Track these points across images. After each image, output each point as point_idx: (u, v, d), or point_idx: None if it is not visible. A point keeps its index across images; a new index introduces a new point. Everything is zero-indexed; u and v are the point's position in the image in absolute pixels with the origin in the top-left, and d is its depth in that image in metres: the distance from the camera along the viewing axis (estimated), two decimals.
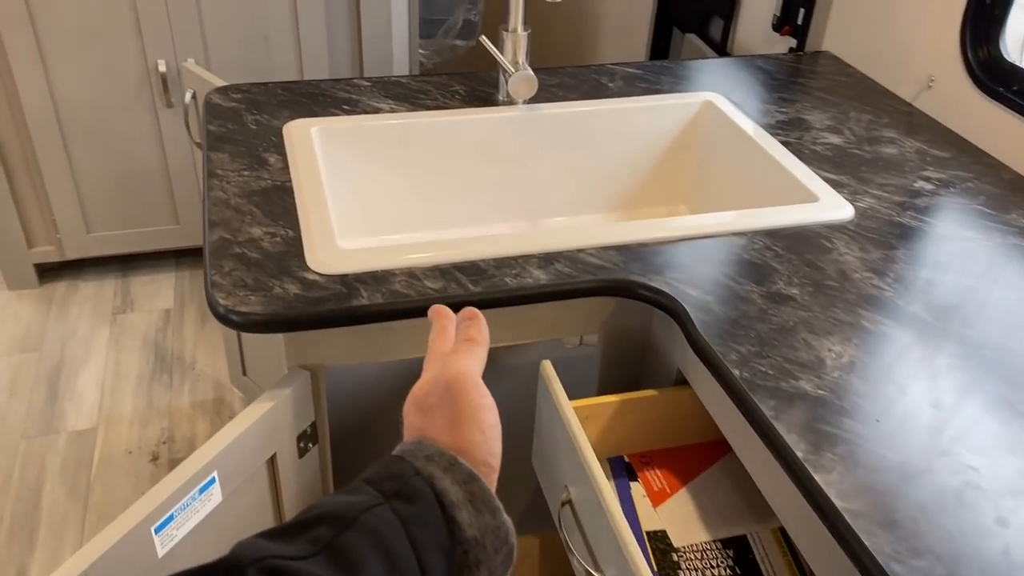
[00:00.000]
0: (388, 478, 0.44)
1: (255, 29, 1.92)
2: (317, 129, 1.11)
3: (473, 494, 0.45)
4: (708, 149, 1.25)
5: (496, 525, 0.45)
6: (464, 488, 0.45)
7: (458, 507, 0.44)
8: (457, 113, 1.17)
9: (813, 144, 1.15)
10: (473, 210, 1.24)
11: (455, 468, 0.45)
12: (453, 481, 0.45)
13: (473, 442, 0.48)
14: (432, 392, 0.51)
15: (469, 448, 0.48)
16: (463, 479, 0.45)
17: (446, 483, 0.44)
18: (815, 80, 1.34)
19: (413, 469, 0.45)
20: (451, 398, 0.50)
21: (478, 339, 0.55)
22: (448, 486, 0.44)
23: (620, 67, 1.34)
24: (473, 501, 0.44)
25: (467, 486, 0.45)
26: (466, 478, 0.45)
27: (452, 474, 0.45)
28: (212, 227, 0.92)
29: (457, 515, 0.44)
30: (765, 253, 0.93)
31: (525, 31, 1.17)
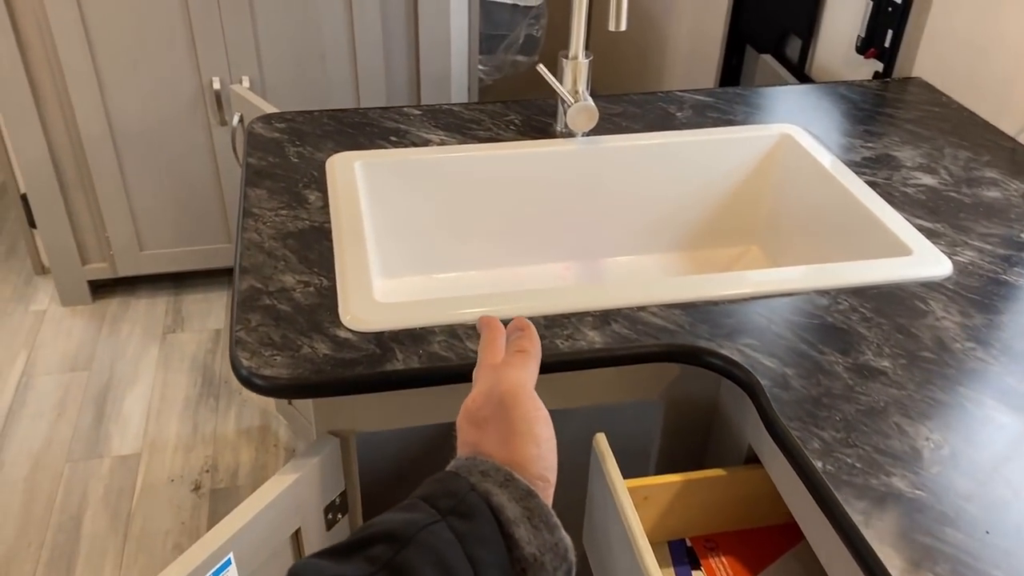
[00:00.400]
0: (444, 495, 0.44)
1: (311, 47, 1.87)
2: (361, 163, 1.04)
3: (531, 510, 0.44)
4: (784, 187, 1.15)
5: (555, 542, 0.43)
6: (521, 504, 0.44)
7: (516, 524, 0.43)
8: (511, 146, 1.09)
9: (904, 185, 1.04)
10: (526, 248, 1.15)
11: (511, 484, 0.44)
12: (510, 497, 0.44)
13: (528, 456, 0.47)
14: (485, 405, 0.50)
15: (525, 462, 0.47)
16: (520, 495, 0.44)
17: (503, 499, 0.43)
18: (905, 110, 1.23)
19: (469, 485, 0.44)
20: (505, 411, 0.48)
21: (530, 350, 0.54)
22: (505, 502, 0.43)
23: (689, 94, 1.25)
24: (531, 518, 0.43)
25: (524, 502, 0.44)
26: (523, 494, 0.44)
27: (509, 490, 0.44)
28: (243, 274, 0.85)
29: (515, 532, 0.43)
30: (851, 316, 0.82)
31: (587, 58, 1.08)
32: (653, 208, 1.16)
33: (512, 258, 1.16)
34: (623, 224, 1.17)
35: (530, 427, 0.48)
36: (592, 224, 1.16)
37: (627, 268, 1.17)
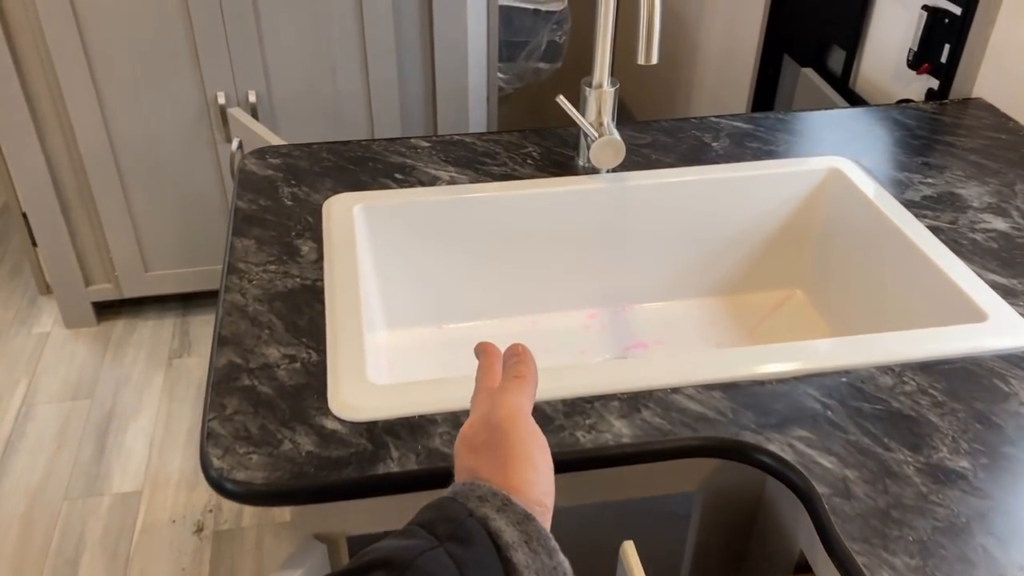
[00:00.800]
0: (441, 520, 0.43)
1: (320, 60, 1.77)
2: (362, 207, 0.94)
3: (529, 534, 0.43)
4: (833, 227, 1.03)
5: (553, 566, 0.43)
6: (519, 528, 0.43)
7: (514, 548, 0.42)
8: (528, 185, 0.98)
9: (971, 230, 0.92)
10: (547, 294, 1.04)
11: (509, 508, 0.44)
12: (508, 522, 0.43)
13: (526, 480, 0.47)
14: (482, 431, 0.50)
15: (522, 487, 0.46)
16: (518, 519, 0.44)
17: (501, 524, 0.43)
18: (967, 138, 1.10)
19: (466, 510, 0.44)
20: (502, 436, 0.49)
21: (527, 375, 0.54)
22: (503, 527, 0.43)
23: (726, 120, 1.13)
24: (529, 542, 0.43)
25: (522, 526, 0.43)
26: (521, 518, 0.44)
27: (506, 514, 0.44)
28: (222, 347, 0.75)
29: (513, 556, 0.42)
30: (920, 400, 0.71)
31: (613, 86, 0.97)
32: (686, 250, 1.05)
33: (532, 306, 1.05)
34: (653, 268, 1.05)
35: (527, 452, 0.48)
36: (619, 268, 1.05)
37: (658, 315, 1.06)
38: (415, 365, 0.98)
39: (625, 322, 1.05)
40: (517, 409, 0.50)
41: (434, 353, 1.00)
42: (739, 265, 1.07)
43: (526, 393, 0.53)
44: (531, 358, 0.55)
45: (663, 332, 1.04)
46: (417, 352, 1.00)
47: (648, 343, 1.02)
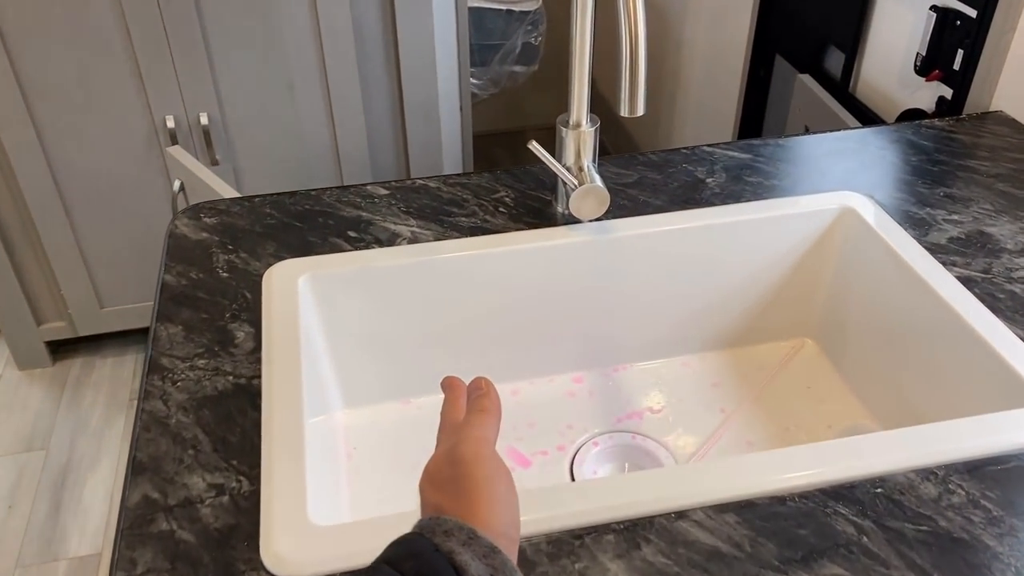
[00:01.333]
0: (407, 556, 0.43)
1: (276, 77, 1.63)
2: (308, 278, 0.81)
3: (495, 567, 0.43)
4: (847, 273, 0.91)
5: None
6: (485, 562, 0.43)
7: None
8: (501, 241, 0.86)
9: (1009, 281, 0.80)
10: (528, 359, 0.92)
11: (475, 541, 0.43)
12: (474, 555, 0.43)
13: (492, 513, 0.47)
14: (446, 467, 0.50)
15: (488, 520, 0.46)
16: (484, 552, 0.43)
17: (466, 557, 0.42)
18: (992, 162, 0.98)
19: (432, 545, 0.43)
20: (466, 471, 0.49)
21: (490, 409, 0.54)
22: (469, 560, 0.42)
23: (720, 150, 1.01)
24: (495, 574, 0.42)
25: (488, 559, 0.43)
26: (487, 551, 0.43)
27: (472, 548, 0.43)
28: (136, 476, 0.63)
29: None
30: (971, 515, 0.59)
31: (592, 125, 0.85)
32: (682, 304, 0.93)
33: (509, 373, 0.93)
34: (646, 324, 0.93)
35: (492, 486, 0.48)
36: (606, 326, 0.93)
37: (653, 377, 0.95)
38: (378, 451, 0.86)
39: (616, 386, 0.94)
40: (481, 444, 0.50)
41: (400, 433, 0.88)
42: (742, 316, 0.95)
43: (489, 427, 0.53)
44: (494, 392, 0.56)
45: (660, 396, 0.92)
46: (381, 433, 0.88)
47: (644, 411, 0.91)
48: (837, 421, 0.88)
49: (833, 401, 0.91)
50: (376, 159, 1.78)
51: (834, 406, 0.90)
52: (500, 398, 0.56)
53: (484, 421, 0.53)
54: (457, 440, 0.51)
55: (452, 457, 0.50)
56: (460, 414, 0.55)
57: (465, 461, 0.49)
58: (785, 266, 0.92)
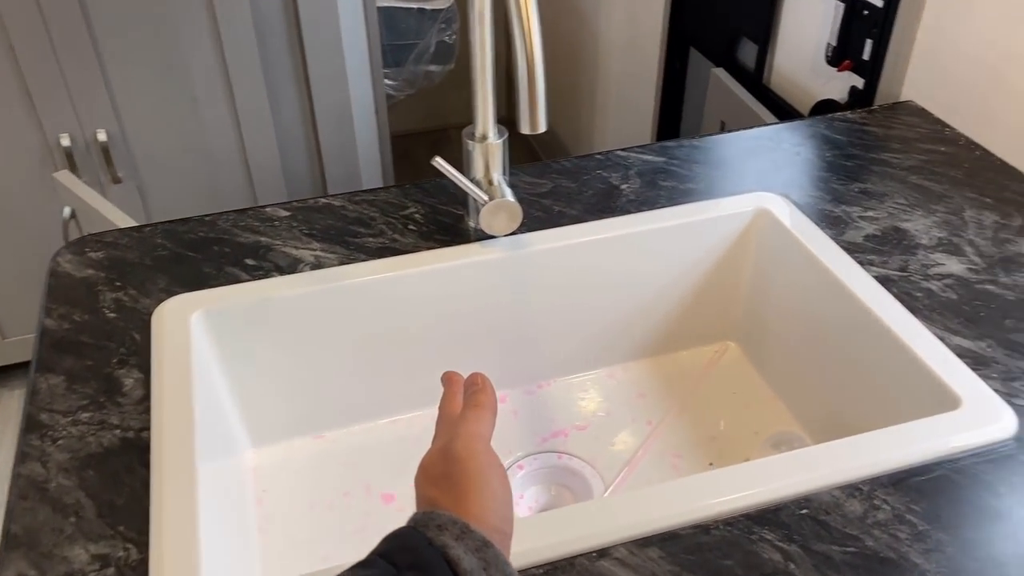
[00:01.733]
0: (401, 550, 0.43)
1: (178, 90, 1.55)
2: (202, 314, 0.76)
3: (487, 561, 0.43)
4: (765, 276, 0.90)
5: None
6: (478, 555, 0.43)
7: (472, 575, 0.42)
8: (411, 262, 0.82)
9: (925, 278, 0.79)
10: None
11: (468, 536, 0.44)
12: (466, 549, 0.43)
13: (485, 508, 0.47)
14: (440, 462, 0.50)
15: (481, 515, 0.47)
16: (476, 546, 0.44)
17: (459, 551, 0.43)
18: (904, 154, 0.98)
19: (425, 539, 0.44)
20: (460, 466, 0.49)
21: (485, 405, 0.55)
22: (461, 554, 0.43)
23: (635, 154, 0.98)
24: (487, 568, 0.43)
25: (480, 553, 0.43)
26: (479, 545, 0.44)
27: (465, 542, 0.44)
28: (10, 551, 0.57)
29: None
30: (898, 531, 0.58)
31: (500, 137, 0.81)
32: (603, 314, 0.90)
33: (430, 397, 0.88)
34: (567, 338, 0.91)
35: (485, 480, 0.49)
36: (528, 343, 0.90)
37: (578, 391, 0.92)
38: (292, 491, 0.81)
39: (540, 404, 0.91)
40: (475, 439, 0.51)
41: (313, 470, 0.83)
42: (664, 323, 0.93)
43: (484, 422, 0.53)
44: (491, 388, 0.57)
45: (585, 412, 0.89)
46: (293, 472, 0.83)
47: (569, 429, 0.88)
48: (763, 427, 0.86)
49: (758, 406, 0.89)
50: (289, 169, 1.72)
51: (759, 411, 0.89)
52: (496, 394, 0.57)
53: (479, 416, 0.54)
54: (452, 435, 0.52)
55: (446, 452, 0.51)
56: (457, 409, 0.56)
57: (459, 456, 0.50)
58: (704, 270, 0.90)
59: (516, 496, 0.81)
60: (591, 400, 0.91)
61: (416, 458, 0.84)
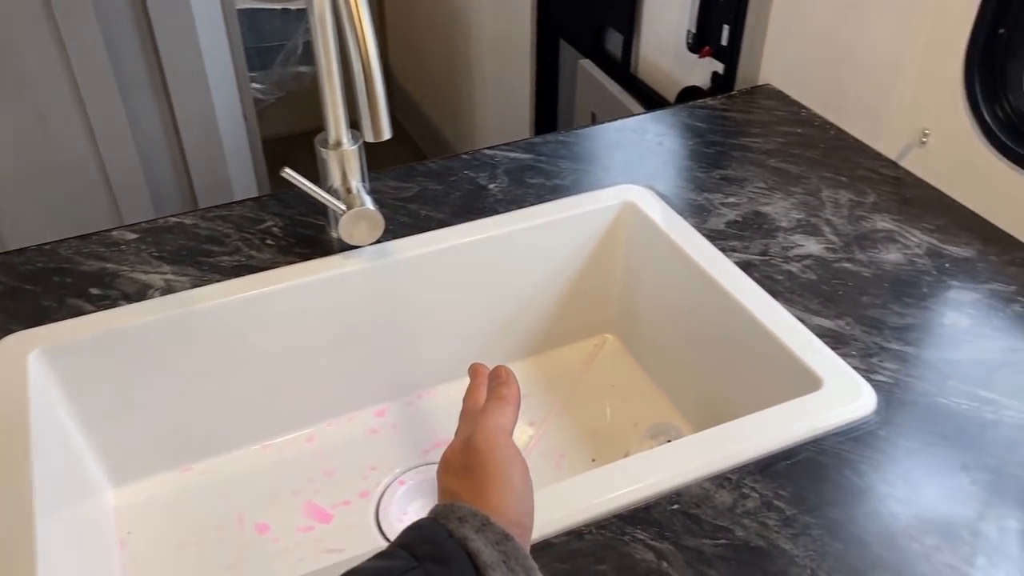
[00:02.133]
0: (421, 541, 0.44)
1: (24, 107, 1.45)
2: (41, 352, 0.70)
3: (507, 554, 0.43)
4: (635, 266, 0.90)
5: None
6: (498, 548, 0.43)
7: (492, 568, 0.42)
8: (270, 279, 0.78)
9: (786, 260, 0.81)
10: (324, 401, 0.85)
11: (488, 528, 0.44)
12: (487, 542, 0.43)
13: (505, 502, 0.48)
14: (462, 454, 0.51)
15: (501, 508, 0.47)
16: (497, 539, 0.44)
17: (479, 544, 0.43)
18: (763, 138, 1.00)
19: (446, 531, 0.44)
20: (481, 459, 0.50)
21: (508, 397, 0.55)
22: (482, 547, 0.43)
23: (501, 152, 0.97)
24: (508, 561, 0.43)
25: (501, 546, 0.44)
26: (500, 538, 0.44)
27: (485, 535, 0.44)
28: None
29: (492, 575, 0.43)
30: (766, 519, 0.58)
31: (355, 143, 0.78)
32: (479, 318, 0.89)
33: (303, 418, 0.85)
34: (444, 344, 0.88)
35: (506, 474, 0.49)
36: (404, 353, 0.87)
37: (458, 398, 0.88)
38: (158, 530, 0.76)
39: (421, 414, 0.88)
40: (497, 431, 0.51)
41: (181, 506, 0.79)
42: (541, 321, 0.92)
43: (506, 415, 0.54)
44: (515, 380, 0.57)
45: None
46: (159, 509, 0.78)
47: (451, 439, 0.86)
48: (642, 418, 0.87)
49: (637, 397, 0.89)
50: (154, 183, 1.64)
51: (639, 402, 0.89)
52: (520, 388, 0.57)
53: (501, 409, 0.54)
54: (473, 428, 0.52)
55: (468, 445, 0.51)
56: (480, 402, 0.57)
57: (480, 449, 0.50)
58: (576, 266, 0.90)
59: (398, 515, 0.79)
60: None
61: (292, 484, 0.81)
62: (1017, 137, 0.82)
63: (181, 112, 1.60)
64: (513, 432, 0.53)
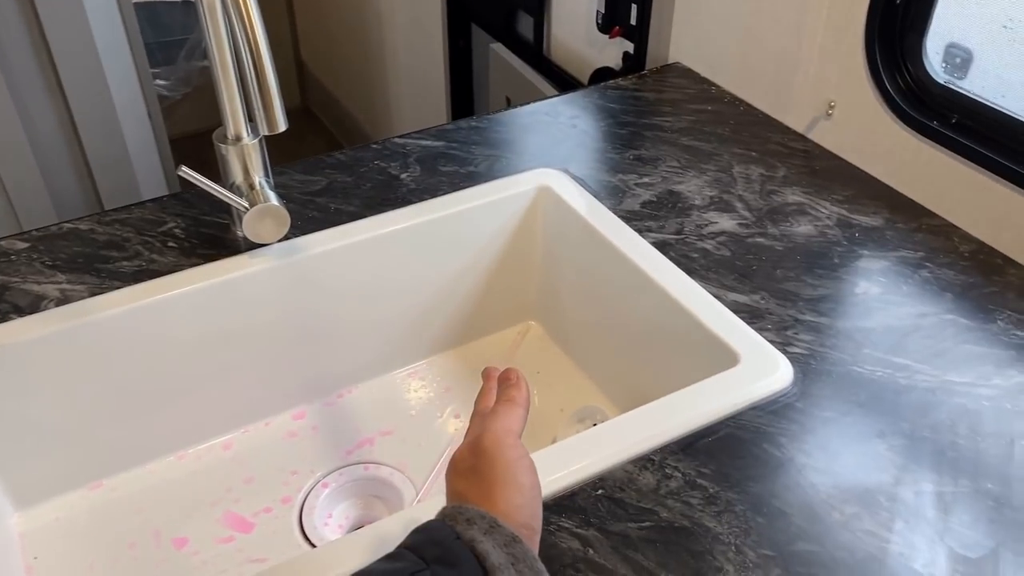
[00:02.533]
0: (429, 543, 0.44)
1: None
2: None
3: (516, 556, 0.43)
4: (553, 251, 0.89)
5: None
6: (506, 551, 0.43)
7: (501, 570, 0.42)
8: (172, 283, 0.75)
9: (700, 238, 0.81)
10: (238, 408, 0.82)
11: (496, 531, 0.44)
12: (495, 544, 0.43)
13: (513, 505, 0.47)
14: (470, 456, 0.51)
15: (509, 510, 0.47)
16: (505, 541, 0.44)
17: (487, 546, 0.43)
18: (674, 116, 1.00)
19: (454, 533, 0.44)
20: (489, 461, 0.49)
21: (517, 399, 0.55)
22: (490, 549, 0.43)
23: (413, 140, 0.95)
24: (516, 563, 0.43)
25: (509, 548, 0.43)
26: (508, 540, 0.44)
27: (493, 537, 0.44)
28: None
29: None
30: (690, 498, 0.58)
31: (255, 137, 0.75)
32: (397, 312, 0.87)
33: (219, 425, 0.82)
34: (363, 341, 0.86)
35: (514, 476, 0.49)
36: (321, 353, 0.85)
37: (381, 395, 0.88)
38: (67, 553, 0.73)
39: (342, 415, 0.86)
40: (505, 433, 0.51)
41: (92, 525, 0.75)
42: (462, 312, 0.91)
43: (515, 417, 0.53)
44: (524, 383, 0.57)
45: (390, 416, 0.86)
46: (68, 532, 0.74)
47: (375, 436, 0.84)
48: (568, 403, 0.86)
49: (563, 383, 0.89)
50: (55, 188, 1.56)
51: (564, 388, 0.88)
52: (530, 390, 0.56)
53: (510, 411, 0.53)
54: (482, 430, 0.52)
55: (476, 447, 0.51)
56: (490, 404, 0.56)
57: (487, 451, 0.50)
58: (494, 254, 0.89)
59: (323, 519, 0.77)
60: (396, 401, 0.87)
61: (210, 494, 0.78)
62: (918, 106, 0.83)
63: (79, 112, 1.53)
64: (521, 434, 0.53)
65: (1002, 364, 0.68)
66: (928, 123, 0.82)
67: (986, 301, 0.74)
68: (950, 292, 0.75)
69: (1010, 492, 0.58)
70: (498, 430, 0.51)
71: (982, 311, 0.73)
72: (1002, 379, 0.67)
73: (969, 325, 0.71)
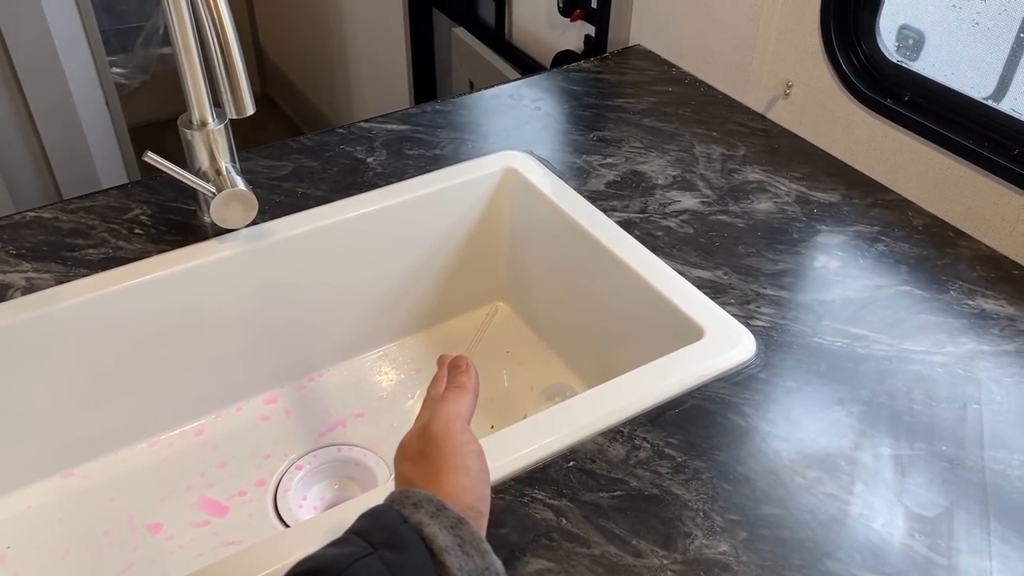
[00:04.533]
0: (376, 528, 0.44)
1: None
2: None
3: (462, 538, 0.44)
4: (520, 232, 0.90)
5: (485, 567, 0.44)
6: (453, 533, 0.44)
7: (447, 552, 0.43)
8: (140, 270, 0.74)
9: (664, 217, 0.83)
10: (209, 393, 0.82)
11: (443, 513, 0.45)
12: (441, 526, 0.44)
13: (460, 487, 0.48)
14: (418, 441, 0.51)
15: (456, 493, 0.48)
16: (451, 524, 0.44)
17: (434, 529, 0.44)
18: (636, 98, 1.01)
19: (401, 517, 0.44)
20: (437, 446, 0.50)
21: (466, 385, 0.56)
22: (436, 532, 0.43)
23: (378, 124, 0.95)
24: (462, 545, 0.44)
25: (455, 530, 0.44)
26: (454, 522, 0.44)
27: (440, 519, 0.44)
28: None
29: (447, 560, 0.43)
30: (659, 467, 0.60)
31: (221, 122, 0.75)
32: (366, 295, 0.87)
33: (190, 410, 0.82)
34: (333, 325, 0.87)
35: (462, 459, 0.49)
36: (291, 337, 0.85)
37: (351, 378, 0.89)
38: (41, 541, 0.73)
39: (314, 397, 0.87)
40: (453, 418, 0.52)
41: (66, 512, 0.75)
42: (431, 294, 0.92)
43: (464, 403, 0.54)
44: (473, 369, 0.58)
45: (362, 398, 0.87)
46: (41, 520, 0.74)
47: (347, 419, 0.85)
48: (538, 381, 0.88)
49: (532, 362, 0.90)
50: (13, 179, 1.54)
51: (534, 367, 0.90)
52: (479, 376, 0.58)
53: (459, 397, 0.55)
54: (431, 415, 0.53)
55: (424, 432, 0.51)
56: (441, 390, 0.57)
57: (436, 436, 0.51)
58: (462, 235, 0.89)
59: (297, 501, 0.77)
60: (367, 384, 0.88)
61: (183, 479, 0.78)
62: (873, 84, 0.86)
63: (35, 102, 1.50)
64: (471, 419, 0.54)
65: (954, 332, 0.70)
66: (882, 101, 0.84)
67: (939, 272, 0.77)
68: (905, 264, 0.77)
69: (963, 453, 0.61)
70: (446, 415, 0.52)
71: (935, 282, 0.75)
72: (955, 346, 0.69)
73: (923, 296, 0.74)
